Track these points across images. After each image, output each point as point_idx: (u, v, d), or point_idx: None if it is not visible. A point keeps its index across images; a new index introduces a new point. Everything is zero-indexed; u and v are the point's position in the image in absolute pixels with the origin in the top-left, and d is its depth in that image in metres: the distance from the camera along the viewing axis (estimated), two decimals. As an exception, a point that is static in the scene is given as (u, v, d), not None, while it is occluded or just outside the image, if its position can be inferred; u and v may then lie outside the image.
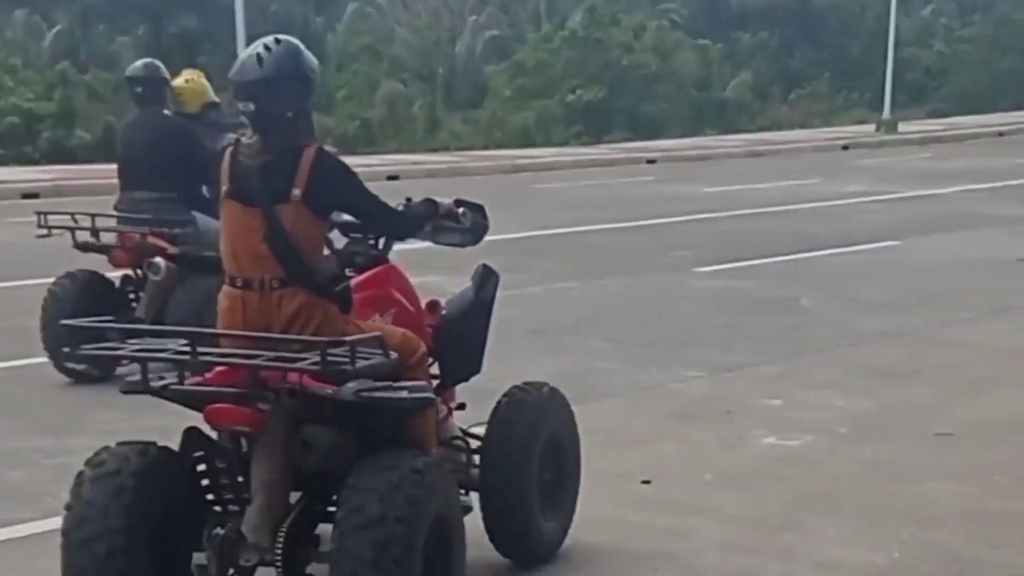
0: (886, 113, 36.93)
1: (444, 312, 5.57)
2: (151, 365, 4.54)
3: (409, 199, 5.37)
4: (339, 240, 5.31)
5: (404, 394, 4.65)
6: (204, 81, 9.98)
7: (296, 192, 4.62)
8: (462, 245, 5.46)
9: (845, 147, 32.60)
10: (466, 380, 5.71)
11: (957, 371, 9.46)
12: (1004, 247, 15.36)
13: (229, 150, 4.78)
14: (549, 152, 32.16)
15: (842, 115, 46.35)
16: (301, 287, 4.67)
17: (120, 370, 7.86)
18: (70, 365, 8.88)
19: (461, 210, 5.38)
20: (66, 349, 4.64)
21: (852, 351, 10.10)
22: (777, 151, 31.71)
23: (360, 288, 5.02)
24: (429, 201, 5.31)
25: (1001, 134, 35.29)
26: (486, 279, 5.65)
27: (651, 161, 29.34)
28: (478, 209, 5.45)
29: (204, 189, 9.18)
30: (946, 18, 64.23)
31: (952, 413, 8.27)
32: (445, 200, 5.38)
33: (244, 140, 4.76)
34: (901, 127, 35.94)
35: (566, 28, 49.12)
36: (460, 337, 5.53)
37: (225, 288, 4.76)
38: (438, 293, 5.86)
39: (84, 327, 4.72)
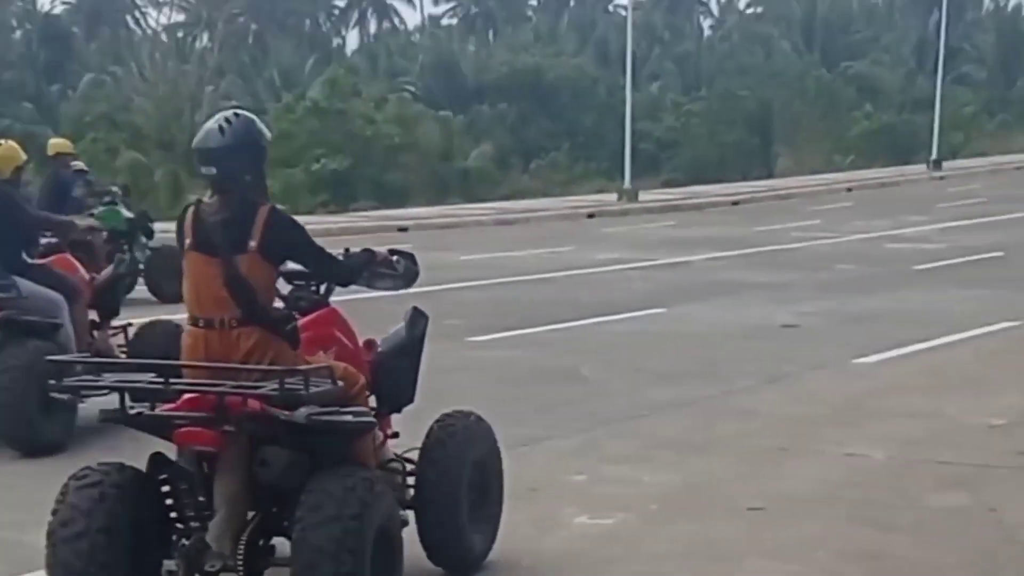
0: (626, 183, 37.35)
1: (380, 349, 6.22)
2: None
3: (347, 249, 5.94)
4: (284, 287, 5.86)
5: (349, 418, 5.25)
6: (15, 145, 9.63)
7: (253, 244, 5.28)
8: (395, 289, 6.06)
9: (590, 215, 32.80)
10: (399, 410, 6.34)
11: (752, 441, 9.22)
12: (766, 313, 15.38)
13: (191, 209, 5.39)
14: (299, 220, 31.33)
15: (581, 184, 46.88)
16: (257, 326, 5.29)
17: None
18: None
19: (395, 258, 5.97)
20: (52, 382, 5.26)
21: (645, 422, 9.77)
22: (526, 219, 31.68)
23: (306, 328, 5.60)
24: (367, 251, 5.89)
25: (735, 203, 36.05)
26: (416, 320, 6.31)
27: (402, 229, 28.92)
28: (409, 257, 6.05)
29: (23, 254, 9.18)
30: (673, 93, 66.14)
31: (757, 486, 7.98)
32: (381, 250, 5.97)
33: (205, 200, 5.39)
34: (641, 196, 36.40)
35: (307, 99, 48.66)
36: (394, 371, 6.17)
37: (188, 328, 5.37)
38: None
39: (69, 362, 5.51)
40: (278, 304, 5.63)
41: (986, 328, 14.09)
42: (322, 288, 5.98)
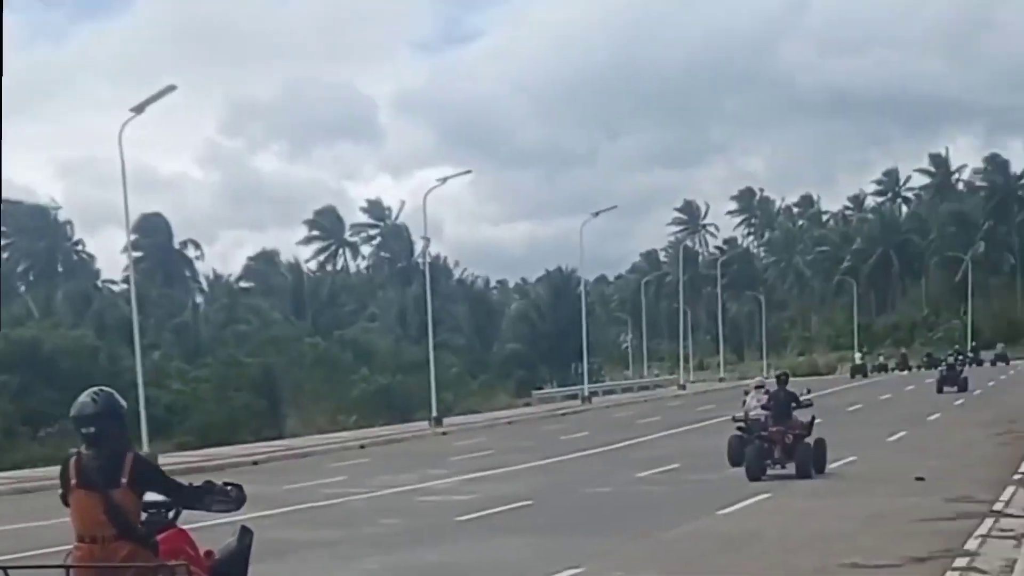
0: (144, 447, 35.01)
1: (217, 557, 7.17)
2: None
3: (191, 483, 7.13)
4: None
5: None
6: None
7: (123, 481, 6.80)
8: (229, 511, 7.13)
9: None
10: None
11: None
12: (327, 573, 13.97)
13: (74, 458, 6.92)
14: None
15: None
16: (128, 541, 6.83)
17: None
18: None
19: (229, 487, 7.15)
20: None
21: None
22: (45, 487, 28.78)
23: (162, 543, 6.93)
24: (208, 482, 7.19)
25: (256, 463, 34.61)
26: (244, 534, 7.31)
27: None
28: (238, 487, 7.21)
29: None
30: (176, 361, 64.47)
31: None
32: (218, 482, 7.19)
33: (83, 451, 6.90)
34: (160, 459, 34.17)
35: None
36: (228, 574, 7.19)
37: (77, 544, 6.86)
38: None
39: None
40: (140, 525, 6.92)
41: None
42: (170, 514, 7.20)
